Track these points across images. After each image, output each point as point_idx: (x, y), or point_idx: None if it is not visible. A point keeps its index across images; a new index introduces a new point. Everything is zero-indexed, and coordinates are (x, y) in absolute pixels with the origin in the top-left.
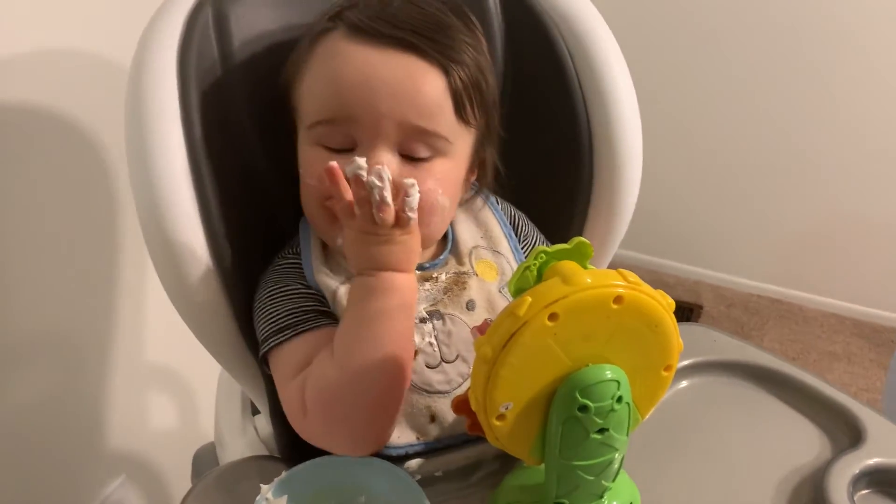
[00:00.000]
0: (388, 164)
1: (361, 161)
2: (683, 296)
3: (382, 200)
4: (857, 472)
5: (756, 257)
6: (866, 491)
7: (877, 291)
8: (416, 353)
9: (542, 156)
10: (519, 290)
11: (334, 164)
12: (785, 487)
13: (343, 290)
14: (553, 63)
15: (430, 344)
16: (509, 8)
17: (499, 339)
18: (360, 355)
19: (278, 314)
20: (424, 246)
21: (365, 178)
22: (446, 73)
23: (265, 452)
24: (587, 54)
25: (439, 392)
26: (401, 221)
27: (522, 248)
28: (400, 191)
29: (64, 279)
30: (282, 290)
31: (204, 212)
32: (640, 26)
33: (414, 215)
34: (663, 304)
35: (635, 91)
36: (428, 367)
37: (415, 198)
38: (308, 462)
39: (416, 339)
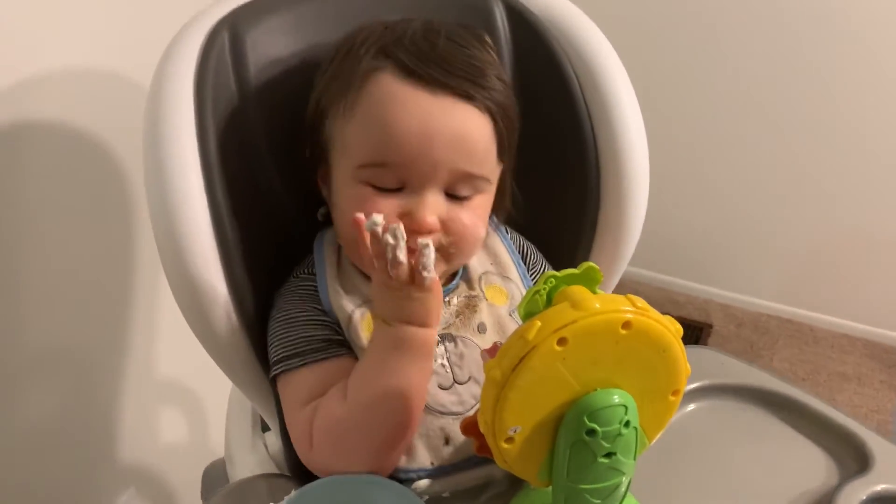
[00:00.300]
0: (435, 205)
1: (378, 218)
2: (693, 314)
3: (395, 259)
4: (865, 498)
5: (766, 276)
6: None
7: (888, 312)
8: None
9: (549, 177)
10: (528, 314)
11: (360, 216)
12: None
13: (358, 315)
14: (559, 85)
15: (443, 365)
16: (517, 30)
17: (508, 362)
18: (370, 402)
19: (290, 340)
20: (453, 271)
21: (380, 236)
22: (493, 119)
23: (275, 470)
24: (593, 76)
25: (453, 413)
26: (416, 280)
27: (531, 277)
28: (416, 250)
29: (77, 294)
30: (296, 314)
31: (219, 233)
32: (650, 47)
33: (430, 274)
34: (671, 330)
35: (644, 111)
36: (441, 388)
37: (430, 258)
38: (318, 481)
39: None
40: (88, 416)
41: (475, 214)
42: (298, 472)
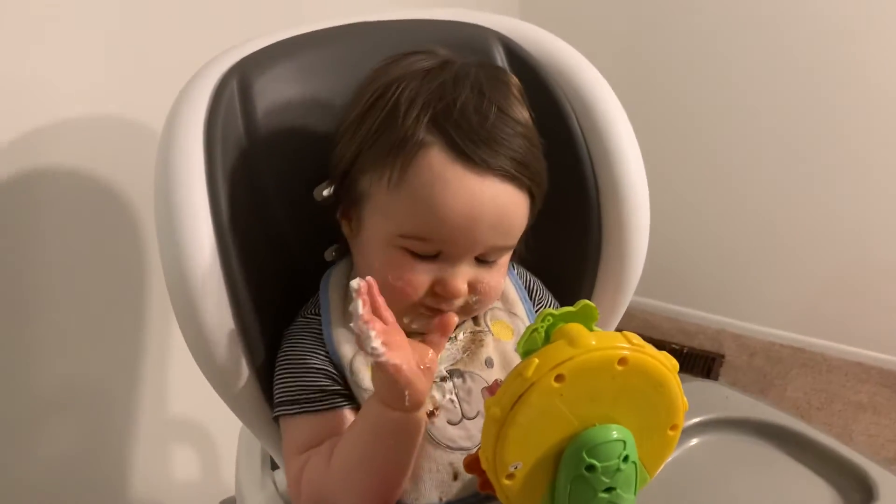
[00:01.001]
0: (466, 273)
1: (354, 283)
2: (705, 344)
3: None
4: None
5: (779, 306)
6: None
7: None
8: (437, 409)
9: (550, 214)
10: (527, 352)
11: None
12: None
13: (359, 361)
14: (559, 125)
15: (451, 401)
16: (516, 71)
17: (507, 399)
18: (348, 470)
19: (291, 385)
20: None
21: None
22: (532, 197)
23: None
24: (591, 115)
25: (462, 448)
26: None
27: (537, 312)
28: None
29: (90, 334)
30: (299, 357)
31: (228, 276)
32: (652, 79)
33: (375, 353)
34: (667, 366)
35: (651, 141)
36: (450, 423)
37: (371, 338)
38: None
39: (437, 395)
40: (102, 455)
41: (500, 273)
42: None
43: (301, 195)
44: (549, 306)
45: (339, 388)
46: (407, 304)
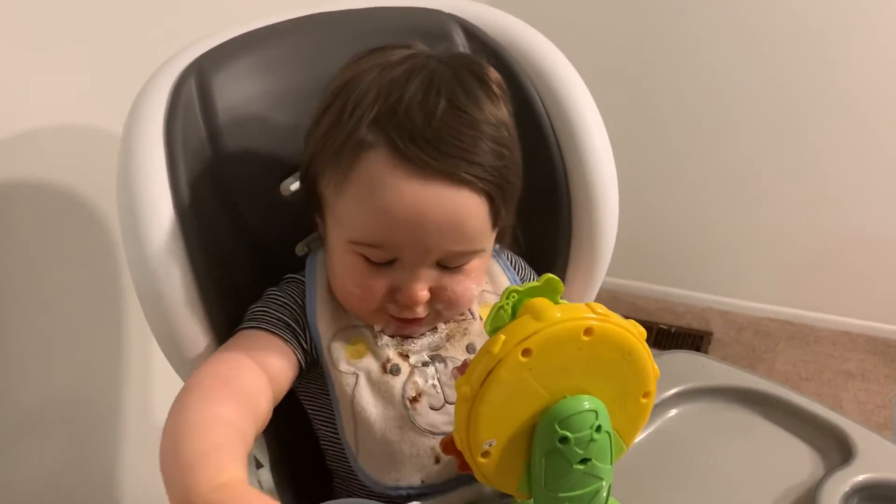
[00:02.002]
0: (426, 279)
1: None
2: (693, 323)
3: None
4: (849, 489)
5: (764, 280)
6: None
7: (888, 307)
8: (419, 395)
9: (520, 200)
10: (494, 329)
11: None
12: None
13: (337, 343)
14: (524, 107)
15: (434, 386)
16: (475, 52)
17: (476, 377)
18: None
19: (259, 312)
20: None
21: None
22: (491, 199)
23: None
24: (555, 96)
25: (444, 433)
26: None
27: None
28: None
29: (71, 349)
30: (276, 299)
31: (197, 275)
32: (633, 43)
33: None
34: (634, 333)
35: (633, 121)
36: (432, 409)
37: None
38: None
39: (420, 381)
40: (88, 471)
41: (468, 279)
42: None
43: (267, 189)
44: None
45: (300, 338)
46: (370, 311)
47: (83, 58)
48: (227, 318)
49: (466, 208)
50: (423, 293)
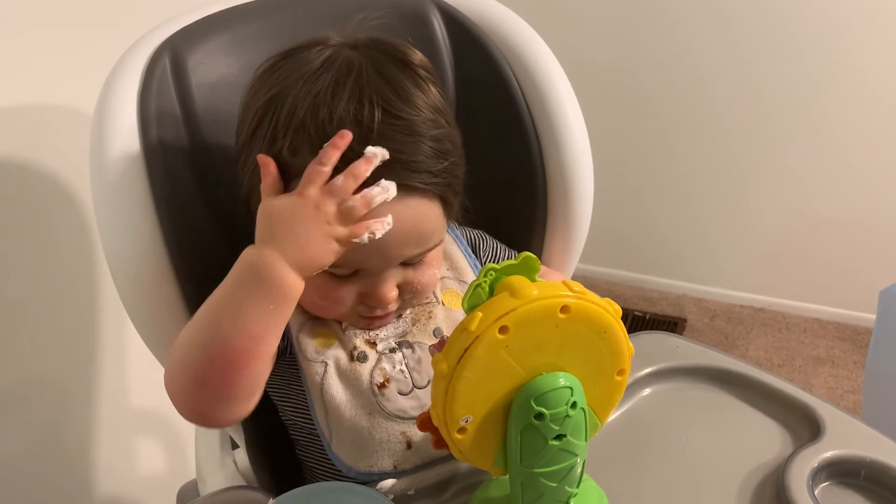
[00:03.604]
0: (393, 279)
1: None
2: (667, 310)
3: (368, 199)
4: (816, 465)
5: (737, 268)
6: (826, 483)
7: (857, 294)
8: (387, 381)
9: (497, 182)
10: (472, 307)
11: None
12: (748, 485)
13: (304, 335)
14: (502, 92)
15: (402, 371)
16: (456, 39)
17: (454, 354)
18: (195, 327)
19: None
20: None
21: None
22: (443, 200)
23: (243, 483)
24: (534, 81)
25: (413, 418)
26: (348, 212)
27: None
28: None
29: (45, 331)
30: None
31: (172, 257)
32: (612, 32)
33: (366, 239)
34: (610, 311)
35: (612, 106)
36: (401, 394)
37: (380, 230)
38: (290, 492)
39: (388, 367)
40: (63, 451)
41: (431, 268)
42: (268, 485)
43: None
44: (500, 254)
45: None
46: (339, 316)
47: (53, 38)
48: (202, 299)
49: (421, 215)
50: (393, 293)
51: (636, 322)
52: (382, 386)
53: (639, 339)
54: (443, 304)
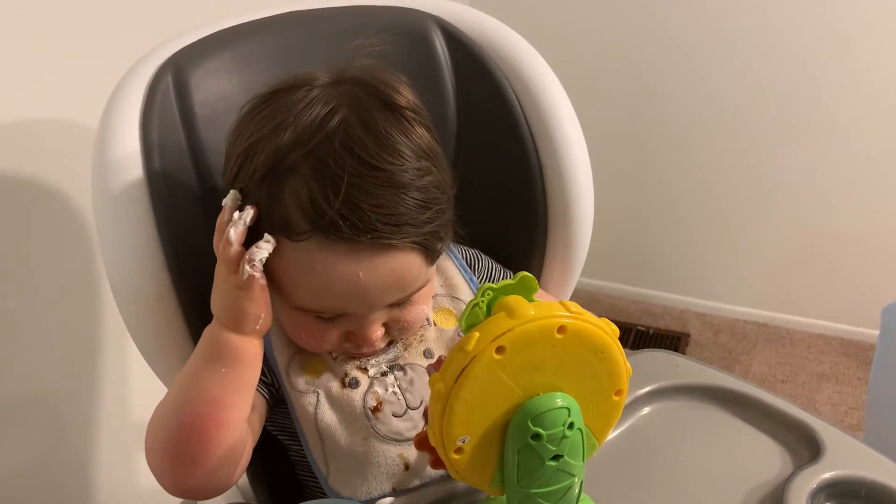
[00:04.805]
0: (379, 320)
1: (235, 193)
2: (671, 325)
3: (227, 236)
4: (816, 486)
5: (741, 283)
6: None
7: (862, 310)
8: (381, 404)
9: (497, 199)
10: (469, 326)
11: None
12: None
13: (294, 367)
14: (502, 109)
15: (394, 393)
16: (457, 57)
17: (451, 374)
18: (167, 399)
19: None
20: None
21: (226, 216)
22: (425, 248)
23: (242, 500)
24: (533, 98)
25: (409, 440)
26: (229, 259)
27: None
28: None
29: (46, 343)
30: None
31: (172, 271)
32: (614, 46)
33: (252, 271)
34: (607, 332)
35: (613, 120)
36: (395, 416)
37: (259, 253)
38: None
39: (380, 390)
40: (64, 464)
41: (418, 306)
42: (266, 501)
43: None
44: (496, 274)
45: (264, 375)
46: (326, 351)
47: (58, 54)
48: (202, 314)
49: (402, 266)
50: (378, 333)
51: (639, 337)
52: (376, 409)
53: (638, 358)
54: (434, 324)
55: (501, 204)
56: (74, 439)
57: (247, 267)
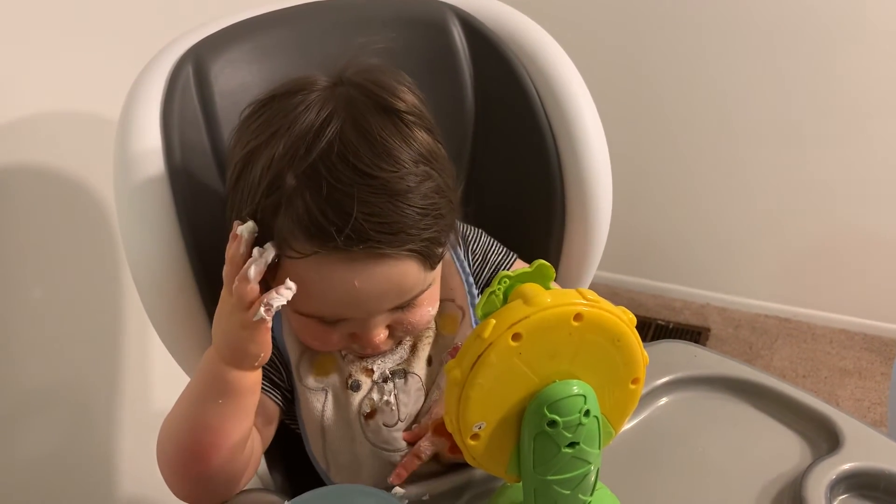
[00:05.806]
0: (382, 323)
1: (252, 225)
2: (691, 319)
3: (245, 273)
4: (835, 477)
5: (762, 277)
6: (844, 496)
7: (885, 305)
8: (374, 412)
9: (515, 190)
10: (486, 314)
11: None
12: (765, 496)
13: (304, 363)
14: (520, 100)
15: (388, 403)
16: (475, 47)
17: (467, 361)
18: (168, 419)
19: None
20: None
21: (242, 249)
22: (422, 255)
23: (259, 485)
24: (552, 89)
25: (399, 450)
26: (240, 296)
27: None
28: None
29: (70, 333)
30: None
31: (193, 261)
32: (632, 38)
33: (266, 315)
34: (624, 320)
35: (633, 112)
36: (385, 426)
37: (278, 300)
38: (305, 494)
39: (375, 397)
40: (88, 453)
41: (423, 307)
42: (284, 488)
43: None
44: (513, 262)
45: (277, 378)
46: (331, 351)
47: (80, 45)
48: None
49: (398, 274)
50: (382, 336)
51: (659, 331)
52: (369, 416)
53: (656, 348)
54: (437, 330)
55: (519, 194)
56: (98, 428)
57: (262, 310)
